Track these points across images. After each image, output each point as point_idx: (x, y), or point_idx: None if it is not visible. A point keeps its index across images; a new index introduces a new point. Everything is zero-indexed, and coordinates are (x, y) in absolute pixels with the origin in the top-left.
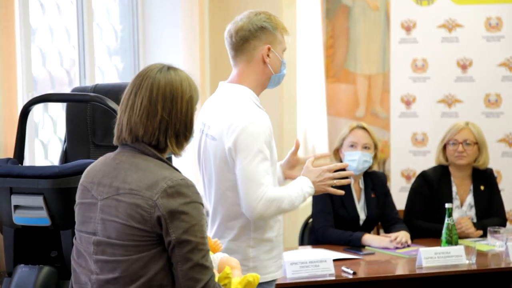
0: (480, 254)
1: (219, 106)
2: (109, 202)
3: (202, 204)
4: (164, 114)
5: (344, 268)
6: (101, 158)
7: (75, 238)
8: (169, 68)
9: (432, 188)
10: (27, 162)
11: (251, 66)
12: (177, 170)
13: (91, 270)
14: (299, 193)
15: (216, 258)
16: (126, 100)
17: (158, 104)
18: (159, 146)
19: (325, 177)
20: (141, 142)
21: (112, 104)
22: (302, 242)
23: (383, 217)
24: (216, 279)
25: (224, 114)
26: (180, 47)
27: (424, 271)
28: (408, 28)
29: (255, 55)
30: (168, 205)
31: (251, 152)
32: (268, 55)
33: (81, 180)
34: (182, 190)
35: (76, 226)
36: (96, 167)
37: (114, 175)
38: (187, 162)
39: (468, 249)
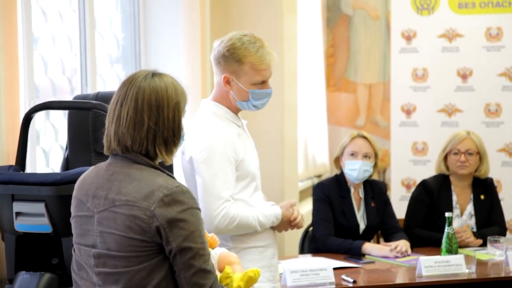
0: (480, 263)
1: (192, 123)
2: (106, 214)
3: (199, 209)
4: (150, 123)
5: (344, 277)
6: (92, 169)
7: (74, 250)
8: (154, 74)
9: (432, 197)
10: (28, 169)
11: (220, 87)
12: (171, 176)
13: (94, 282)
14: (267, 221)
15: (214, 254)
16: (112, 111)
17: (144, 113)
18: (149, 155)
19: (287, 226)
20: (132, 152)
21: None
22: (302, 251)
23: (383, 225)
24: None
25: (192, 130)
26: (181, 55)
27: (424, 280)
28: (408, 37)
29: (219, 79)
30: (166, 214)
31: (209, 167)
32: (229, 83)
33: (74, 193)
34: (179, 197)
35: (74, 239)
36: (88, 179)
37: (109, 186)
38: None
39: (468, 258)
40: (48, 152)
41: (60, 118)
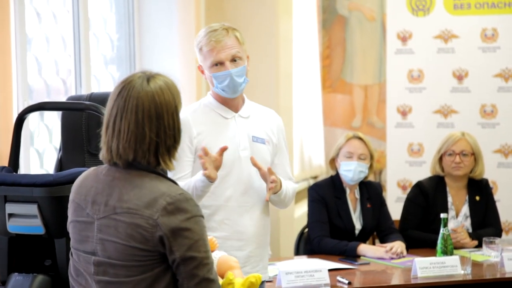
0: (475, 265)
1: None
2: (106, 221)
3: (202, 217)
4: (152, 135)
5: (339, 278)
6: (91, 172)
7: (71, 254)
8: (149, 79)
9: (427, 198)
10: (22, 170)
11: None
12: (173, 182)
13: None
14: (189, 182)
15: (214, 257)
16: (112, 123)
17: (145, 126)
18: (151, 164)
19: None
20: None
21: None
22: (297, 252)
23: (378, 227)
24: None
25: None
26: (176, 56)
27: (419, 281)
28: (404, 38)
29: None
30: (170, 223)
31: None
32: (203, 73)
33: (72, 196)
34: (182, 205)
35: (72, 244)
36: (87, 183)
37: (109, 192)
38: None
39: (463, 260)
40: (42, 153)
41: (54, 119)
